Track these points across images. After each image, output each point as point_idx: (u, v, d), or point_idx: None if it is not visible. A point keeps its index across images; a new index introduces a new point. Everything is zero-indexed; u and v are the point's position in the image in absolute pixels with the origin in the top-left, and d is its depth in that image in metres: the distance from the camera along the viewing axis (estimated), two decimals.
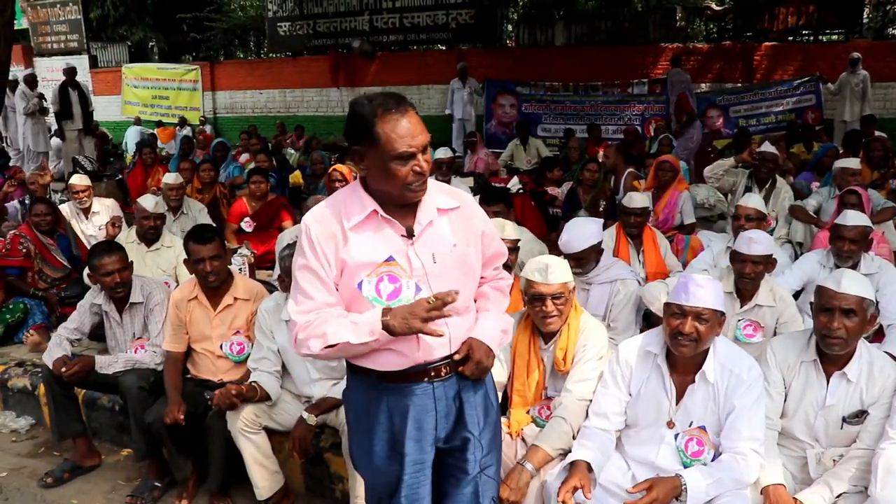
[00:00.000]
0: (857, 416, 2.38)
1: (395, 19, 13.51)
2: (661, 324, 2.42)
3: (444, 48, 13.88)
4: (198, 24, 16.05)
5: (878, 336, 3.37)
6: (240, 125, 13.98)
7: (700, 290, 2.25)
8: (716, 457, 2.31)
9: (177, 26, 16.89)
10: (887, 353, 2.59)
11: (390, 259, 1.79)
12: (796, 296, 3.55)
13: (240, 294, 3.31)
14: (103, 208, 5.64)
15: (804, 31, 11.60)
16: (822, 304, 2.34)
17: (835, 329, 2.29)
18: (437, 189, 1.89)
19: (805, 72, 10.59)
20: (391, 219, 1.80)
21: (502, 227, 3.39)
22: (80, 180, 5.60)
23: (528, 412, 2.72)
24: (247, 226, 5.66)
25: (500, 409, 2.17)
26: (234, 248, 4.90)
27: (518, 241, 3.56)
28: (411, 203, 1.82)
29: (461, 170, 8.39)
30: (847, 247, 3.52)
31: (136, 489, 3.26)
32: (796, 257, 4.34)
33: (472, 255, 1.92)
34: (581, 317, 2.71)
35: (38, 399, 3.96)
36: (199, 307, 3.28)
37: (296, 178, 7.58)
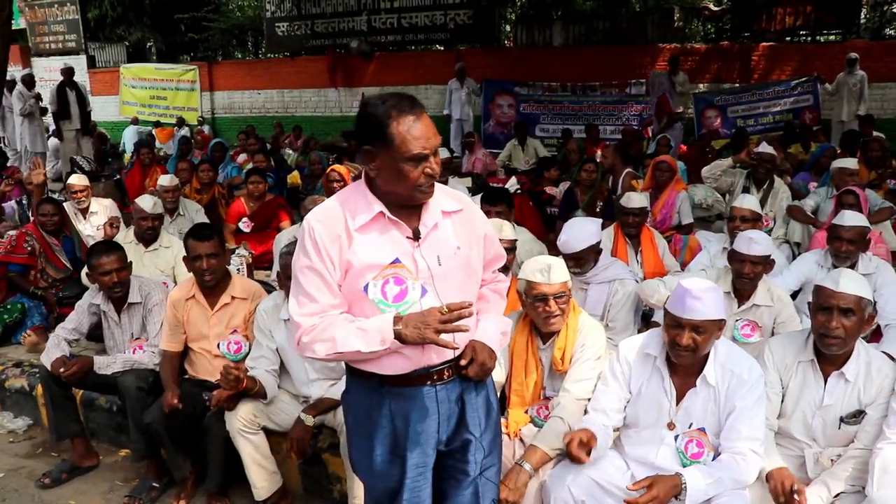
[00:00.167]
0: (855, 416, 2.38)
1: (394, 19, 13.51)
2: (660, 324, 2.42)
3: (442, 48, 13.89)
4: (196, 25, 16.05)
5: (875, 336, 3.38)
6: (238, 125, 13.96)
7: (697, 303, 2.21)
8: (715, 458, 2.32)
9: (175, 26, 16.88)
10: (885, 354, 2.59)
11: (396, 261, 1.79)
12: (794, 296, 3.55)
13: (237, 293, 3.31)
14: (101, 208, 5.62)
15: (802, 32, 11.63)
16: (820, 303, 2.35)
17: (833, 328, 2.30)
18: (440, 191, 1.88)
19: (803, 72, 10.60)
20: (398, 220, 1.80)
21: (500, 228, 3.38)
22: (78, 180, 5.59)
23: (526, 412, 2.72)
24: (245, 226, 5.66)
25: (499, 410, 2.17)
26: (232, 248, 4.89)
27: (515, 242, 3.56)
28: (416, 205, 1.82)
29: (459, 170, 8.36)
30: (845, 247, 3.52)
31: (134, 489, 3.26)
32: (794, 257, 4.33)
33: (475, 258, 1.93)
34: (579, 317, 2.71)
35: (36, 399, 3.95)
36: (196, 306, 3.29)
37: (294, 178, 7.55)
